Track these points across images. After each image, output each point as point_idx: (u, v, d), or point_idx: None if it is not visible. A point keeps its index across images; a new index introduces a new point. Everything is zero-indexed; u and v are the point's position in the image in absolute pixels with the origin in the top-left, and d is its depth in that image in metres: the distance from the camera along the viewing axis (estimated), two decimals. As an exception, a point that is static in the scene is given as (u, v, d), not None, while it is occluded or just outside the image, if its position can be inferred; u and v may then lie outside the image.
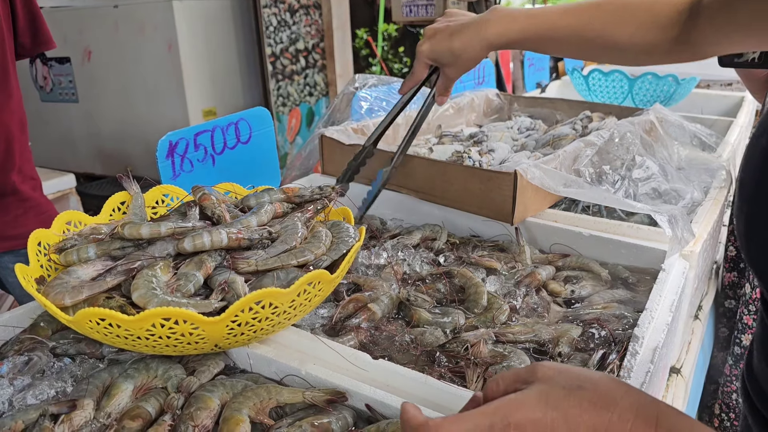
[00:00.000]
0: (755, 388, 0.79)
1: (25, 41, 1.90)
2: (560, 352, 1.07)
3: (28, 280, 0.99)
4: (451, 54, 1.31)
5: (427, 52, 1.35)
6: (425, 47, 1.35)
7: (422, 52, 1.36)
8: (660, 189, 1.62)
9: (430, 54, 1.35)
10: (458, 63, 1.32)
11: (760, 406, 0.78)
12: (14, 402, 0.92)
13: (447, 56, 1.32)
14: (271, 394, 0.91)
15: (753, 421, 0.80)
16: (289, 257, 1.03)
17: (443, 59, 1.33)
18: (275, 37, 4.69)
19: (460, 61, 1.31)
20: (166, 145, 1.36)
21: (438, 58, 1.34)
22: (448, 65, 1.34)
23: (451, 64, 1.33)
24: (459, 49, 1.28)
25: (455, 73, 1.37)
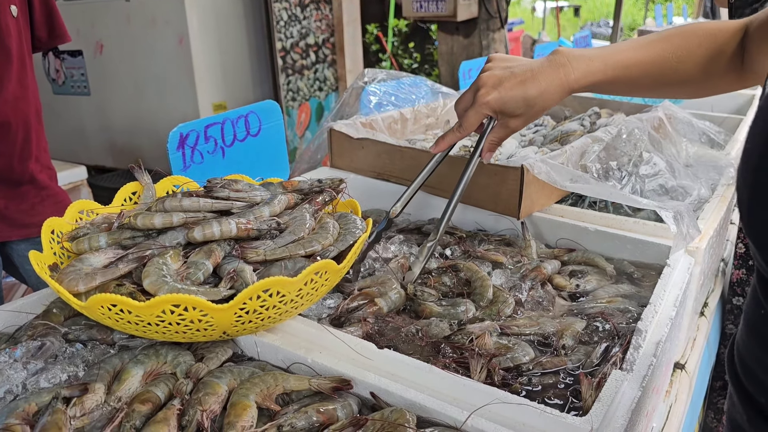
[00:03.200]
0: (743, 365, 0.80)
1: (42, 35, 1.94)
2: (564, 344, 1.08)
3: (41, 266, 1.01)
4: (525, 104, 1.18)
5: (494, 102, 1.20)
6: (492, 97, 1.19)
7: (487, 103, 1.20)
8: (667, 185, 1.62)
9: (497, 104, 1.20)
10: (530, 113, 1.21)
11: (747, 384, 0.79)
12: (28, 385, 0.94)
13: (519, 107, 1.19)
14: (278, 381, 0.93)
15: (739, 399, 0.81)
16: (297, 247, 1.05)
17: (513, 109, 1.20)
18: (286, 32, 4.71)
19: (533, 110, 1.20)
20: (176, 137, 1.38)
21: (506, 110, 1.20)
22: (517, 116, 1.21)
23: (520, 115, 1.21)
24: (535, 98, 1.18)
25: (521, 123, 1.24)
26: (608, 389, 0.89)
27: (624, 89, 1.23)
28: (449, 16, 4.93)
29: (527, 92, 1.17)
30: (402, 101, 2.04)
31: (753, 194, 0.67)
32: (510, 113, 1.21)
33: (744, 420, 0.81)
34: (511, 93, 1.18)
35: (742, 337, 0.81)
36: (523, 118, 1.22)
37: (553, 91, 1.17)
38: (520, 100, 1.18)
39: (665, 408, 1.32)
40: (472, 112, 1.23)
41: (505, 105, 1.19)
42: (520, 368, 1.03)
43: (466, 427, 0.84)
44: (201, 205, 1.11)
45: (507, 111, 1.21)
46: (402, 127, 1.97)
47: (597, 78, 1.17)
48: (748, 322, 0.79)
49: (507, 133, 1.27)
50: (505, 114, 1.22)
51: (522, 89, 1.17)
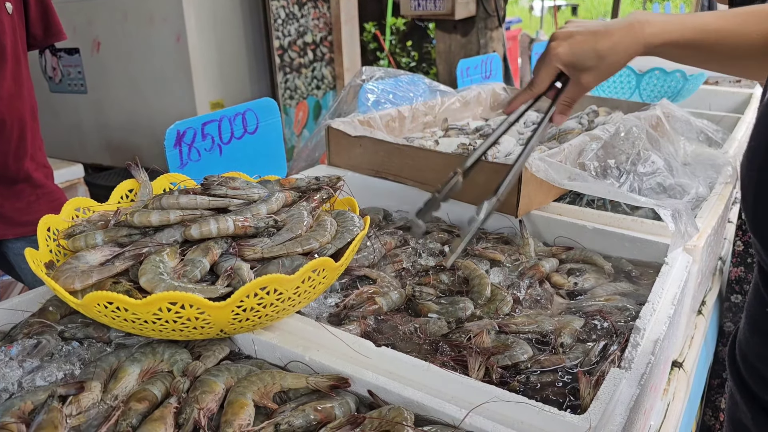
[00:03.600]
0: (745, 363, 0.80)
1: (37, 32, 1.93)
2: (562, 342, 1.08)
3: (37, 264, 1.00)
4: (596, 56, 1.14)
5: (564, 55, 1.16)
6: (561, 49, 1.16)
7: (557, 54, 1.17)
8: (665, 184, 1.62)
9: (567, 56, 1.16)
10: (601, 67, 1.16)
11: (750, 381, 0.79)
12: (23, 383, 0.94)
13: (590, 58, 1.15)
14: (275, 380, 0.93)
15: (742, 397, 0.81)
16: (295, 245, 1.05)
17: (584, 62, 1.16)
18: (283, 30, 4.70)
19: (605, 64, 1.15)
20: (173, 135, 1.38)
21: (577, 62, 1.16)
22: (588, 70, 1.16)
23: (591, 69, 1.16)
24: (607, 50, 1.13)
25: (594, 80, 1.18)
26: (606, 387, 0.89)
27: (700, 55, 1.15)
28: (447, 15, 4.92)
29: (598, 43, 1.13)
30: (400, 99, 2.04)
31: (758, 192, 0.67)
32: (581, 66, 1.16)
33: (748, 419, 0.81)
34: (582, 44, 1.14)
35: (744, 334, 0.81)
36: (595, 72, 1.16)
37: (626, 44, 1.12)
38: (591, 51, 1.14)
39: (663, 406, 1.32)
40: (544, 66, 1.20)
41: (576, 56, 1.15)
42: (519, 366, 1.03)
43: (464, 426, 0.84)
44: (198, 203, 1.10)
45: (578, 64, 1.16)
46: (400, 125, 1.97)
47: (673, 37, 1.11)
48: (751, 319, 0.79)
49: (579, 91, 1.21)
50: (576, 67, 1.17)
51: (593, 40, 1.14)
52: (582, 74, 1.18)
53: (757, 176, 0.67)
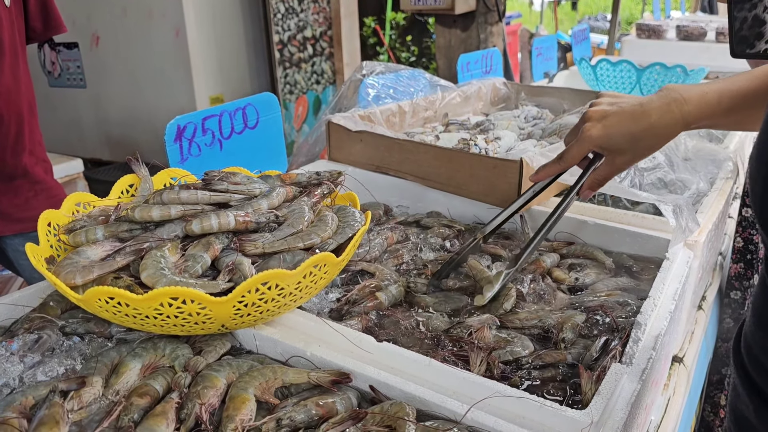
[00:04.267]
0: (750, 356, 0.80)
1: (37, 25, 1.92)
2: (564, 338, 1.08)
3: (38, 259, 1.00)
4: (631, 138, 1.10)
5: (597, 138, 1.12)
6: (595, 131, 1.12)
7: (590, 137, 1.12)
8: (666, 179, 1.62)
9: (601, 140, 1.12)
10: (637, 149, 1.12)
11: (755, 374, 0.79)
12: (25, 378, 0.94)
13: (625, 141, 1.10)
14: (277, 375, 0.93)
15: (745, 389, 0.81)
16: (296, 240, 1.04)
17: (618, 145, 1.11)
18: (283, 25, 4.69)
19: (641, 146, 1.11)
20: (174, 129, 1.37)
21: (611, 145, 1.12)
22: (623, 153, 1.12)
23: (626, 152, 1.12)
24: (643, 132, 1.09)
25: (628, 161, 1.14)
26: (608, 382, 0.89)
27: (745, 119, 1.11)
28: (447, 9, 4.90)
29: (635, 125, 1.09)
30: (400, 94, 2.03)
31: (766, 186, 0.67)
32: (615, 149, 1.12)
33: (750, 411, 0.81)
34: (617, 127, 1.10)
35: (750, 328, 0.81)
36: (630, 154, 1.12)
37: (664, 124, 1.08)
38: (627, 135, 1.10)
39: (663, 401, 1.32)
40: (576, 145, 1.16)
41: (610, 140, 1.11)
42: (520, 361, 1.03)
43: (466, 421, 0.84)
44: (199, 198, 1.10)
45: (612, 147, 1.12)
46: (400, 120, 1.96)
47: (713, 109, 1.07)
48: (757, 313, 0.79)
49: (612, 171, 1.17)
50: (610, 150, 1.13)
51: (629, 122, 1.09)
52: (617, 156, 1.14)
53: (765, 171, 0.67)
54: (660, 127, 1.09)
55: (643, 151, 1.12)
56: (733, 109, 1.08)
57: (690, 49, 3.95)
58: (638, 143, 1.11)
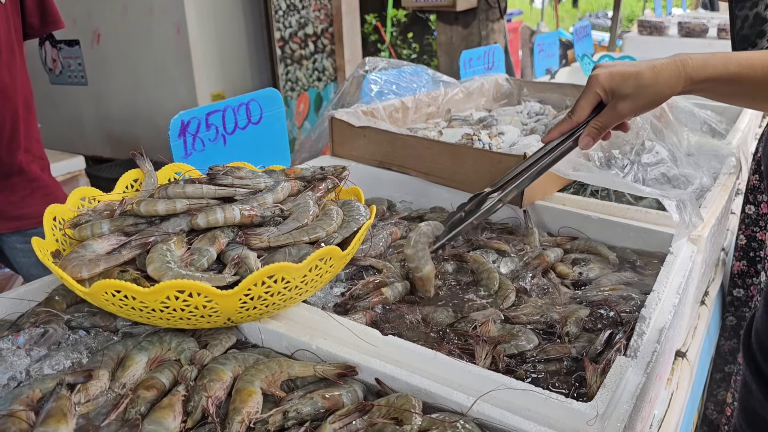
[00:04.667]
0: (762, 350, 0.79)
1: (34, 21, 1.91)
2: (568, 331, 1.08)
3: (44, 253, 1.00)
4: (636, 84, 1.12)
5: (604, 79, 1.15)
6: (602, 75, 1.15)
7: (596, 78, 1.16)
8: (669, 174, 1.62)
9: (607, 80, 1.15)
10: (640, 96, 1.13)
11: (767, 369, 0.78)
12: (31, 372, 0.94)
13: (630, 86, 1.13)
14: (283, 368, 0.93)
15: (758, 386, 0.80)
16: (301, 234, 1.05)
17: (623, 89, 1.14)
18: (284, 21, 4.68)
19: (644, 94, 1.13)
20: (178, 125, 1.37)
21: (616, 87, 1.14)
22: (626, 98, 1.14)
23: (629, 97, 1.14)
24: (648, 80, 1.11)
25: (630, 108, 1.16)
26: (613, 375, 0.89)
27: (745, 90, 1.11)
28: (448, 6, 4.90)
29: (640, 73, 1.12)
30: (403, 90, 2.03)
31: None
32: (620, 93, 1.14)
33: (765, 409, 0.80)
34: (624, 72, 1.13)
35: (763, 325, 0.80)
36: (633, 100, 1.14)
37: (668, 76, 1.10)
38: (632, 79, 1.12)
39: (667, 395, 1.32)
40: (583, 95, 1.19)
41: (616, 81, 1.14)
42: (525, 355, 1.03)
43: (471, 413, 0.84)
44: (204, 192, 1.10)
45: (617, 90, 1.14)
46: (403, 116, 1.97)
47: (717, 71, 1.09)
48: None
49: (613, 118, 1.18)
50: (615, 94, 1.15)
51: (635, 70, 1.12)
52: (619, 101, 1.16)
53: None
54: (664, 77, 1.11)
55: (645, 100, 1.14)
56: (738, 75, 1.08)
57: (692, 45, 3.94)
58: (642, 90, 1.12)
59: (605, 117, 1.19)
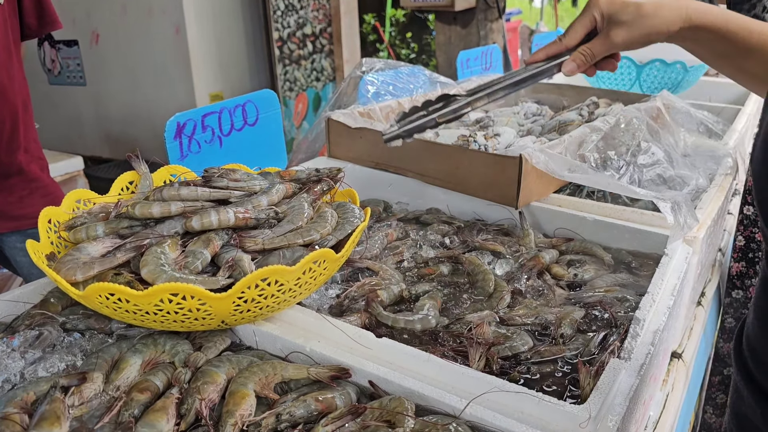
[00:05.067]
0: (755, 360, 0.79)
1: (31, 21, 1.91)
2: (562, 333, 1.08)
3: (38, 256, 1.00)
4: (636, 11, 1.06)
5: (605, 3, 1.08)
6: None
7: (596, 2, 1.09)
8: (665, 175, 1.62)
9: (608, 5, 1.08)
10: (637, 25, 1.07)
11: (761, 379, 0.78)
12: (26, 374, 0.94)
13: (629, 13, 1.07)
14: (277, 370, 0.93)
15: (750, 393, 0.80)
16: (295, 236, 1.05)
17: (621, 15, 1.08)
18: (283, 22, 4.68)
19: (642, 24, 1.07)
20: (173, 126, 1.38)
21: (614, 12, 1.08)
22: (622, 25, 1.08)
23: (626, 24, 1.08)
24: (648, 10, 1.06)
25: (624, 38, 1.09)
26: (606, 377, 0.89)
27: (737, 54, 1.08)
28: (447, 6, 4.90)
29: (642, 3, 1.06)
30: (400, 91, 2.04)
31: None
32: (617, 18, 1.08)
33: (757, 415, 0.80)
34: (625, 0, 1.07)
35: (754, 332, 0.80)
36: (629, 29, 1.08)
37: (668, 10, 1.06)
38: (632, 6, 1.07)
39: (662, 397, 1.32)
40: (579, 17, 1.12)
41: (615, 7, 1.08)
42: (519, 357, 1.04)
43: (464, 415, 0.84)
44: (199, 194, 1.10)
45: (615, 15, 1.08)
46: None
47: (717, 21, 1.05)
48: (760, 314, 0.78)
49: (606, 46, 1.12)
50: (612, 19, 1.09)
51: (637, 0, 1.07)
52: (615, 28, 1.09)
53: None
54: (664, 11, 1.07)
55: (642, 30, 1.09)
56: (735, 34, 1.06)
57: (690, 45, 3.93)
58: (640, 20, 1.07)
59: (597, 44, 1.13)
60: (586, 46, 1.13)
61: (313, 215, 1.13)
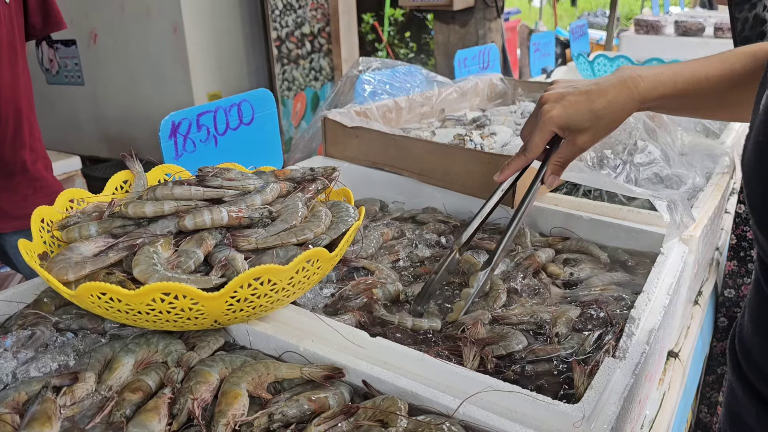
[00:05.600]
0: (748, 361, 0.79)
1: (36, 22, 1.92)
2: (557, 332, 1.08)
3: (31, 255, 1.00)
4: (592, 116, 1.10)
5: (558, 118, 1.12)
6: (555, 112, 1.12)
7: (551, 118, 1.13)
8: (662, 174, 1.62)
9: (562, 119, 1.12)
10: (598, 127, 1.12)
11: (754, 379, 0.78)
12: (18, 374, 0.94)
13: (586, 120, 1.11)
14: (270, 370, 0.93)
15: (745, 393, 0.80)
16: (289, 235, 1.04)
17: (579, 124, 1.12)
18: (281, 21, 4.68)
19: (601, 123, 1.11)
20: (168, 126, 1.37)
21: (572, 124, 1.12)
22: (584, 131, 1.13)
23: (587, 130, 1.12)
24: (602, 109, 1.10)
25: (590, 140, 1.14)
26: (600, 376, 0.89)
27: (693, 103, 1.13)
28: (445, 6, 4.90)
29: (593, 103, 1.10)
30: (397, 90, 2.03)
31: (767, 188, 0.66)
32: (576, 128, 1.13)
33: (752, 416, 0.80)
34: (576, 106, 1.11)
35: (747, 333, 0.80)
36: (591, 132, 1.13)
37: (622, 101, 1.10)
38: (586, 112, 1.11)
39: (659, 396, 1.32)
40: (537, 131, 1.16)
41: (571, 118, 1.12)
42: (513, 356, 1.03)
43: (458, 415, 0.84)
44: (192, 194, 1.10)
45: (573, 125, 1.13)
46: (397, 116, 1.96)
47: (668, 89, 1.09)
48: (755, 318, 0.78)
49: (574, 152, 1.17)
50: (572, 129, 1.14)
51: (587, 100, 1.11)
52: (578, 135, 1.14)
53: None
54: (618, 103, 1.10)
55: (603, 129, 1.13)
56: (686, 91, 1.09)
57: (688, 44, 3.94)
58: (598, 121, 1.11)
59: (566, 152, 1.18)
60: (557, 157, 1.18)
61: (307, 214, 1.12)
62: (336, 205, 1.17)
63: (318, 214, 1.11)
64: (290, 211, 1.10)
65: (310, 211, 1.13)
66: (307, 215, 1.12)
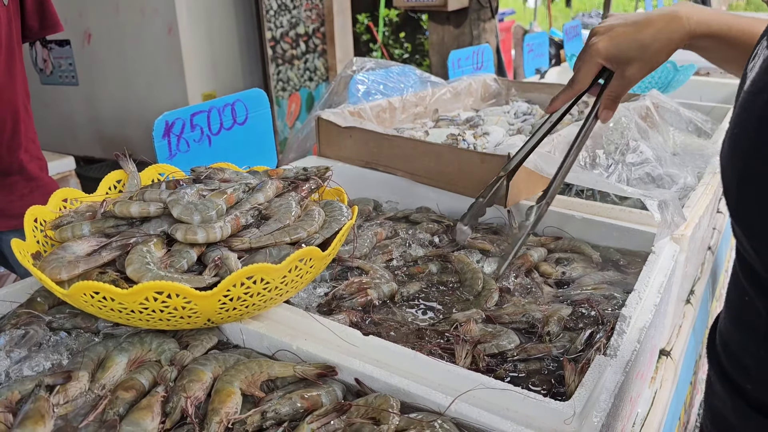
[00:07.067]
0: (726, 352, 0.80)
1: (33, 24, 1.92)
2: (549, 331, 1.09)
3: (24, 254, 1.00)
4: (638, 46, 1.09)
5: (604, 49, 1.12)
6: (601, 44, 1.12)
7: (596, 50, 1.12)
8: (653, 174, 1.63)
9: (608, 50, 1.12)
10: (645, 57, 1.10)
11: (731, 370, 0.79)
12: (11, 373, 0.94)
13: (632, 49, 1.10)
14: (263, 368, 0.93)
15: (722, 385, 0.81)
16: (282, 235, 1.05)
17: (626, 54, 1.11)
18: (275, 21, 4.68)
19: (648, 54, 1.10)
20: (162, 125, 1.37)
21: (619, 54, 1.12)
22: (631, 62, 1.12)
23: (634, 60, 1.11)
24: (650, 39, 1.08)
25: (638, 71, 1.13)
26: (591, 374, 0.90)
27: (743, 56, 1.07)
28: (440, 6, 4.91)
29: (640, 33, 1.09)
30: (390, 90, 2.04)
31: (742, 180, 0.67)
32: (624, 59, 1.12)
33: (728, 408, 0.81)
34: (623, 36, 1.10)
35: (725, 324, 0.81)
36: (639, 63, 1.11)
37: (670, 32, 1.08)
38: (633, 42, 1.09)
39: (650, 394, 1.33)
40: (585, 63, 1.16)
41: (618, 48, 1.11)
42: (505, 355, 1.04)
43: (449, 413, 0.85)
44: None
45: (620, 56, 1.12)
46: (390, 116, 1.97)
47: (720, 28, 1.07)
48: (732, 309, 0.79)
49: (625, 85, 1.16)
50: (620, 61, 1.12)
51: (634, 30, 1.09)
52: (626, 67, 1.13)
53: (742, 164, 0.67)
54: (665, 34, 1.09)
55: (650, 60, 1.11)
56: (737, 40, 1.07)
57: (681, 45, 3.95)
58: (645, 51, 1.10)
59: (617, 86, 1.17)
60: (609, 91, 1.18)
61: (300, 214, 1.13)
62: (329, 204, 1.17)
63: (311, 214, 1.11)
64: (284, 211, 1.11)
65: (304, 210, 1.14)
66: (301, 214, 1.13)
